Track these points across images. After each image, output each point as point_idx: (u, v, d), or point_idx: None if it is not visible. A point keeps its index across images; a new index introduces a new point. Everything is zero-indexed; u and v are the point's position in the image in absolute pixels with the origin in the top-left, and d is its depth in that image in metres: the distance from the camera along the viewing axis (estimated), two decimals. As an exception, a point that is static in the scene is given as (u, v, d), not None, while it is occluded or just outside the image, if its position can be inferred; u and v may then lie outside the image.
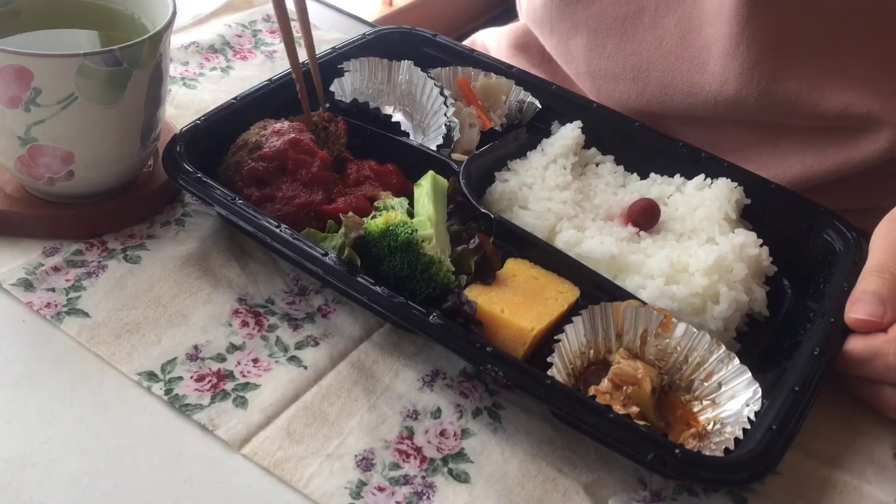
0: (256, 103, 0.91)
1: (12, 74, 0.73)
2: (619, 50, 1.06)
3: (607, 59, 1.06)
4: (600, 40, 1.07)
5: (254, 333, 0.78)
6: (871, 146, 1.00)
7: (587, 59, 1.09)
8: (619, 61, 1.06)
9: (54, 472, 0.65)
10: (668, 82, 1.03)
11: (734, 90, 0.98)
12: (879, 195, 0.86)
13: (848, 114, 0.98)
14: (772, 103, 0.98)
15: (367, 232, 0.75)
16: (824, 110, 0.98)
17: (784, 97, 0.98)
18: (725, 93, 0.99)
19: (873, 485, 0.73)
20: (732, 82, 0.98)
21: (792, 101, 0.98)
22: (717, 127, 1.05)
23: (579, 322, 0.76)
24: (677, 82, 1.01)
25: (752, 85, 0.97)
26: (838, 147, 1.01)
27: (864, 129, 0.99)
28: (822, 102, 0.97)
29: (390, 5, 2.45)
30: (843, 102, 0.97)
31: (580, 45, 1.10)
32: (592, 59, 1.08)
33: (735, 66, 0.97)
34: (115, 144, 0.81)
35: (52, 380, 0.72)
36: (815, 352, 0.75)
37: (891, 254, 0.79)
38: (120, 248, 0.83)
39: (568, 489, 0.70)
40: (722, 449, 0.69)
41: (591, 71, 1.09)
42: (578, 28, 1.09)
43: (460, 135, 0.95)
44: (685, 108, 1.01)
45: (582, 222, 0.88)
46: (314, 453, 0.69)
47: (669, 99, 1.03)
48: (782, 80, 0.97)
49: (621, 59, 1.05)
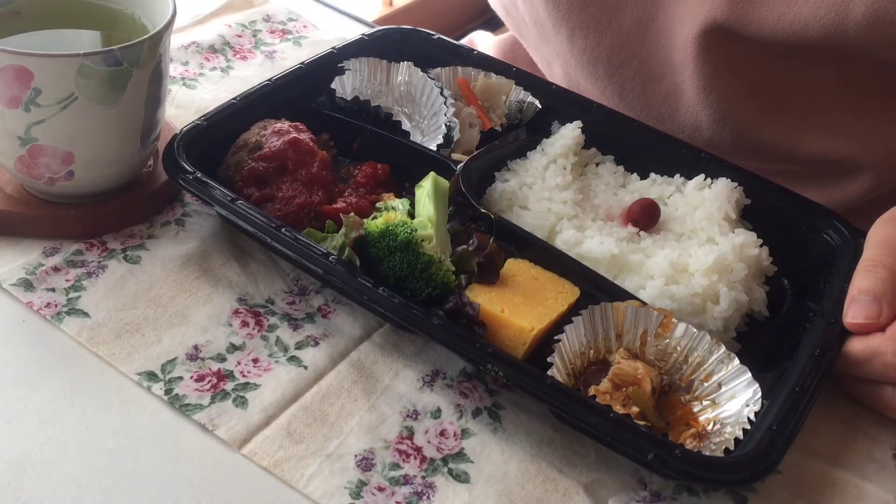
0: (256, 103, 0.91)
1: (12, 74, 0.73)
2: (591, 89, 1.06)
3: (585, 92, 1.06)
4: (574, 74, 1.07)
5: (254, 333, 0.78)
6: (852, 187, 1.00)
7: (569, 86, 1.09)
8: (594, 97, 1.05)
9: (54, 472, 0.66)
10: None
11: (708, 136, 0.98)
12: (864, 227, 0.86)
13: (826, 158, 0.97)
14: (748, 149, 0.98)
15: (367, 232, 0.75)
16: (802, 155, 0.97)
17: (760, 144, 0.97)
18: (700, 137, 0.99)
19: (874, 483, 0.73)
20: (706, 128, 0.98)
21: (768, 147, 0.97)
22: None
23: (579, 322, 0.76)
24: (650, 124, 1.01)
25: (725, 132, 0.97)
26: (820, 190, 1.00)
27: (845, 172, 0.99)
28: (799, 148, 0.97)
29: (390, 5, 2.45)
30: (820, 147, 0.97)
31: (558, 73, 1.10)
32: (573, 87, 1.09)
33: (706, 114, 0.96)
34: (115, 144, 0.81)
35: (52, 380, 0.72)
36: (815, 352, 0.75)
37: (885, 248, 0.79)
38: (120, 248, 0.83)
39: (568, 489, 0.70)
40: (722, 449, 0.69)
41: (570, 87, 1.09)
42: (554, 58, 1.09)
43: (460, 135, 0.95)
44: None
45: (582, 222, 0.88)
46: (314, 453, 0.69)
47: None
48: (756, 127, 0.96)
49: (596, 97, 1.05)
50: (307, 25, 1.21)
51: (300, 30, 1.20)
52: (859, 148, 0.96)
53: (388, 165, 0.91)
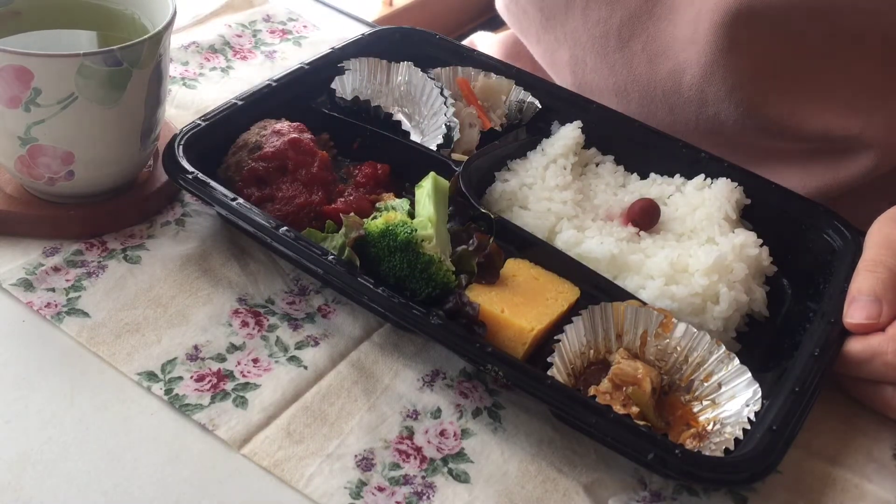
0: (257, 103, 0.91)
1: (12, 74, 0.73)
2: (598, 68, 1.06)
3: (591, 75, 1.06)
4: (581, 56, 1.07)
5: (254, 333, 0.78)
6: (855, 166, 1.00)
7: (573, 72, 1.09)
8: (600, 78, 1.06)
9: (54, 472, 0.66)
10: (648, 101, 1.03)
11: (714, 111, 0.98)
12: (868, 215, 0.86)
13: (831, 135, 0.97)
14: (753, 125, 0.98)
15: (367, 232, 0.75)
16: (807, 132, 0.97)
17: (766, 120, 0.97)
18: (706, 113, 0.99)
19: (874, 483, 0.73)
20: (712, 104, 0.98)
21: (774, 123, 0.98)
22: None
23: (579, 322, 0.76)
24: (657, 102, 1.01)
25: (731, 107, 0.97)
26: (824, 168, 1.01)
27: (848, 149, 0.99)
28: (805, 124, 0.97)
29: (390, 5, 2.45)
30: (825, 124, 0.97)
31: (564, 58, 1.10)
32: (577, 72, 1.09)
33: (711, 90, 0.97)
34: (115, 144, 0.81)
35: (52, 380, 0.72)
36: (814, 352, 0.75)
37: (884, 248, 0.79)
38: (120, 248, 0.83)
39: (568, 489, 0.70)
40: (722, 449, 0.69)
41: (578, 84, 1.10)
42: (561, 43, 1.09)
43: (460, 135, 0.95)
44: (668, 127, 1.01)
45: (582, 222, 0.88)
46: (314, 453, 0.69)
47: (653, 116, 1.03)
48: (763, 104, 0.97)
49: (602, 77, 1.05)
50: (307, 25, 1.21)
51: (300, 30, 1.20)
52: (864, 125, 0.97)
53: (388, 165, 0.91)
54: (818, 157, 1.02)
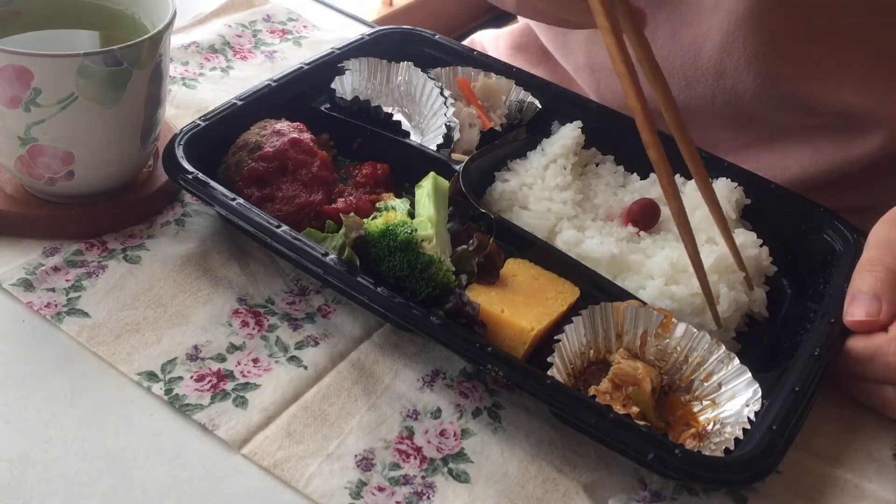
0: (257, 103, 0.91)
1: (12, 74, 0.73)
2: None
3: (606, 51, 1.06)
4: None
5: (254, 333, 0.78)
6: (868, 144, 1.00)
7: (587, 51, 1.09)
8: None
9: (54, 472, 0.65)
10: (664, 74, 1.03)
11: (731, 83, 0.98)
12: (877, 194, 0.87)
13: (845, 110, 0.98)
14: (770, 97, 0.98)
15: (367, 232, 0.75)
16: (823, 106, 0.98)
17: (782, 91, 0.98)
18: (722, 86, 0.99)
19: (874, 483, 0.73)
20: (730, 76, 0.98)
21: (790, 96, 0.98)
22: (714, 127, 1.05)
23: (579, 322, 0.76)
24: (673, 75, 1.01)
25: (749, 79, 0.97)
26: (835, 146, 1.01)
27: (861, 126, 1.00)
28: (821, 98, 0.98)
29: (390, 5, 2.45)
30: (840, 98, 0.97)
31: (579, 37, 1.09)
32: (592, 51, 1.08)
33: (731, 60, 0.97)
34: (115, 144, 0.81)
35: (52, 380, 0.72)
36: (815, 352, 0.75)
37: (883, 249, 0.79)
38: (120, 248, 0.83)
39: (568, 489, 0.70)
40: (722, 449, 0.69)
41: (591, 64, 1.09)
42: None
43: (460, 135, 0.95)
44: (683, 102, 1.01)
45: (582, 222, 0.88)
46: (314, 453, 0.69)
47: None
48: (781, 76, 0.97)
49: None
50: (307, 25, 1.21)
51: (300, 30, 1.20)
52: (878, 101, 0.97)
53: (387, 165, 0.91)
54: (830, 134, 1.02)
